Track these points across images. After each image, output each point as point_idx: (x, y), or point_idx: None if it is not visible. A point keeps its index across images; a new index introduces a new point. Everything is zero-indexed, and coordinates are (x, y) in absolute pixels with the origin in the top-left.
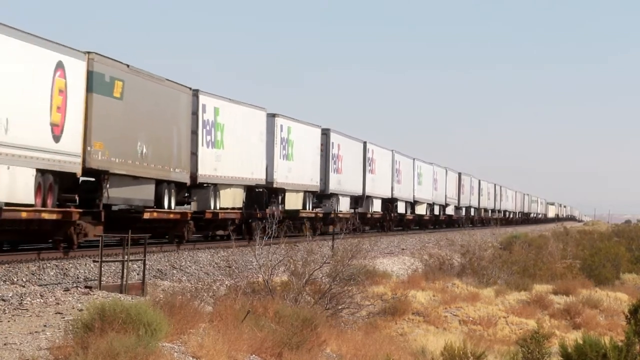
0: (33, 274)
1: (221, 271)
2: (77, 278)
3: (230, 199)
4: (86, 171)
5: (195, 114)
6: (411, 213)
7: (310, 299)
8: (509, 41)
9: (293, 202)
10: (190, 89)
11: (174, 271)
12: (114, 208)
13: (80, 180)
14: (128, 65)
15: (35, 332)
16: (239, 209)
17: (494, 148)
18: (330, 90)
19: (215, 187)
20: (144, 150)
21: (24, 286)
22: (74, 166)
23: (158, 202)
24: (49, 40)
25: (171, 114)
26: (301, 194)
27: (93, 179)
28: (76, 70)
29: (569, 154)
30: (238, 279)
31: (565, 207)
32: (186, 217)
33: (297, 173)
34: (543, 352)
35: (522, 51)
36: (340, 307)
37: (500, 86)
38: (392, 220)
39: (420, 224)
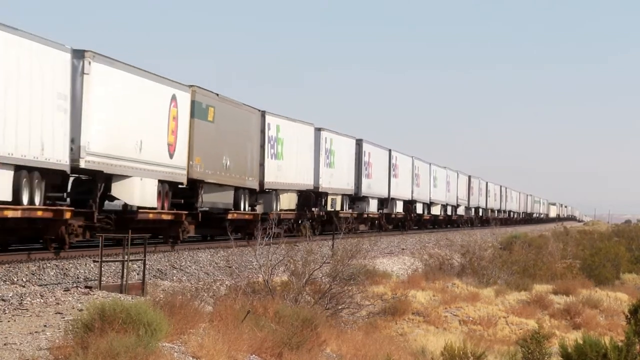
0: (33, 274)
1: (221, 271)
2: (77, 278)
3: (287, 202)
4: (188, 181)
5: (262, 131)
6: (428, 213)
7: (310, 299)
8: (509, 41)
9: (333, 204)
10: (259, 110)
11: (174, 271)
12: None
13: (181, 188)
14: (217, 95)
15: (35, 332)
16: (293, 210)
17: (494, 148)
18: (330, 91)
19: (277, 192)
20: (228, 163)
21: (24, 286)
22: (181, 177)
23: (236, 205)
24: (167, 78)
25: (246, 132)
26: (339, 197)
27: (188, 187)
28: (184, 101)
29: (569, 154)
30: (238, 279)
31: (566, 207)
32: (257, 218)
33: (337, 179)
34: (543, 352)
35: (522, 51)
36: (340, 307)
37: (500, 86)
38: (412, 220)
39: (435, 223)
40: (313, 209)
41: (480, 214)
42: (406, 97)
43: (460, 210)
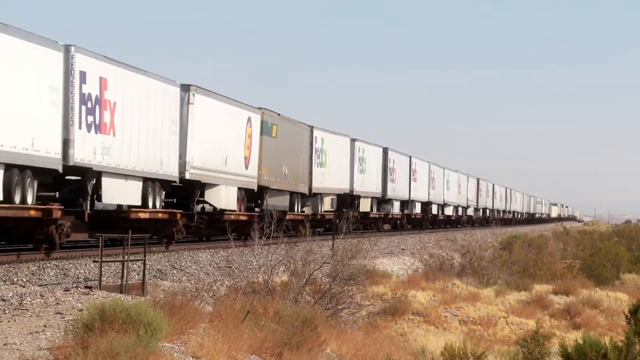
0: (33, 274)
1: (221, 271)
2: (77, 278)
3: (329, 204)
4: (258, 187)
5: (311, 144)
6: (442, 214)
7: (310, 299)
8: (509, 41)
9: (365, 205)
10: (308, 126)
11: (174, 271)
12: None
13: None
14: (279, 114)
15: (35, 332)
16: (333, 211)
17: (494, 148)
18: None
19: (321, 196)
20: (286, 172)
21: (24, 286)
22: (253, 184)
23: (291, 207)
24: (245, 103)
25: (299, 145)
26: (369, 200)
27: (257, 192)
28: (256, 121)
29: (569, 154)
30: (238, 279)
31: (567, 207)
32: (308, 218)
33: (368, 183)
34: (543, 352)
35: (522, 51)
36: (340, 307)
37: (500, 86)
38: (428, 220)
39: (448, 223)
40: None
41: (488, 214)
42: (406, 97)
43: (470, 211)
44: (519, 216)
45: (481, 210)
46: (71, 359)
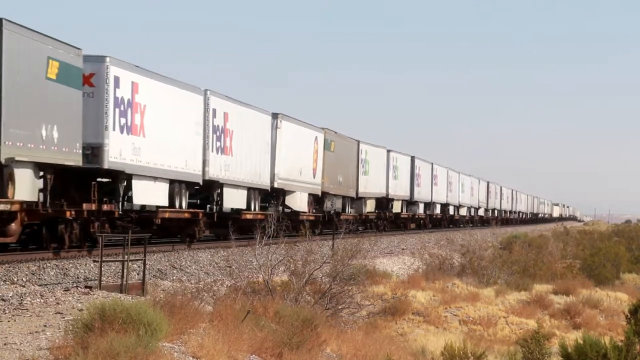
0: (33, 274)
1: (221, 271)
2: (77, 278)
3: (370, 206)
4: (321, 193)
5: (357, 155)
6: (457, 214)
7: (310, 298)
8: (509, 41)
9: (397, 207)
10: (356, 140)
11: (174, 271)
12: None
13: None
14: (335, 132)
15: (36, 332)
16: (374, 212)
17: (493, 148)
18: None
19: (364, 199)
20: (340, 179)
21: (24, 286)
22: (318, 190)
23: (343, 209)
24: (313, 125)
25: (349, 157)
26: (400, 202)
27: (320, 197)
28: (320, 139)
29: (569, 154)
30: (238, 279)
31: (568, 207)
32: (356, 218)
33: (399, 188)
34: (543, 352)
35: (522, 51)
36: (340, 307)
37: (500, 86)
38: (446, 219)
39: (463, 222)
40: (386, 212)
41: (496, 214)
42: (405, 97)
43: (481, 212)
44: (524, 216)
45: (490, 211)
46: (71, 359)
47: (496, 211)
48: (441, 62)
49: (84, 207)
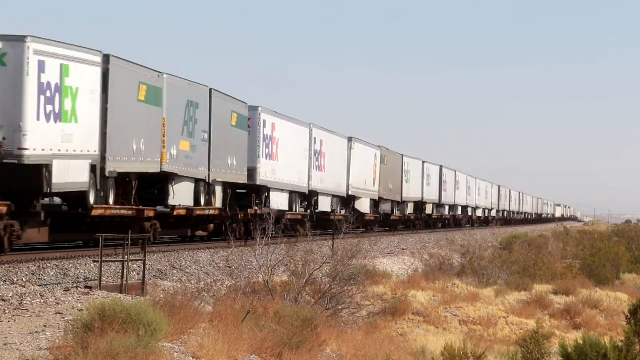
0: (33, 274)
1: (221, 271)
2: (77, 278)
3: (410, 209)
4: (378, 199)
5: (402, 167)
6: (474, 215)
7: (310, 299)
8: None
9: (429, 209)
10: (401, 154)
11: (174, 271)
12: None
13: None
14: (388, 149)
15: (36, 332)
16: (412, 214)
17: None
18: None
19: (407, 203)
20: (391, 187)
21: (24, 286)
22: (376, 196)
23: (392, 211)
24: (374, 144)
25: (397, 168)
26: (431, 205)
27: (377, 201)
28: (377, 155)
29: (569, 154)
30: (238, 279)
31: (569, 207)
32: (402, 218)
33: (431, 193)
34: (543, 352)
35: (522, 51)
36: (340, 307)
37: (501, 86)
38: (466, 219)
39: (480, 222)
40: (421, 213)
41: (506, 215)
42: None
43: (493, 213)
44: (529, 216)
45: (501, 212)
46: (71, 359)
47: (505, 212)
48: (441, 62)
49: (249, 211)
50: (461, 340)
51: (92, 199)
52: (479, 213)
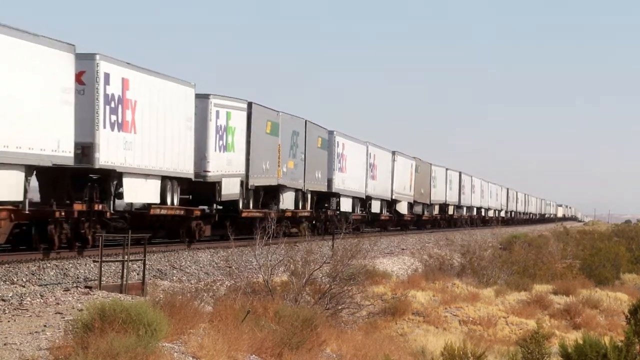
0: (33, 274)
1: (221, 271)
2: (77, 278)
3: (436, 210)
4: (413, 201)
5: (430, 174)
6: (487, 215)
7: (310, 299)
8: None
9: (451, 210)
10: (429, 163)
11: (174, 271)
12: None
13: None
14: (420, 159)
15: (35, 332)
16: (438, 214)
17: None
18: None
19: (434, 205)
20: (422, 192)
21: (24, 286)
22: (411, 200)
23: (423, 212)
24: (410, 155)
25: (426, 175)
26: (452, 206)
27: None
28: (413, 165)
29: (569, 154)
30: (238, 279)
31: (570, 208)
32: (430, 218)
33: (452, 196)
34: (543, 352)
35: (521, 51)
36: (340, 307)
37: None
38: (480, 219)
39: (491, 222)
40: (444, 214)
41: (513, 215)
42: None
43: (502, 213)
44: (533, 216)
45: (509, 213)
46: (71, 359)
47: (513, 212)
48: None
49: (328, 212)
50: (461, 340)
51: (240, 205)
52: (491, 214)
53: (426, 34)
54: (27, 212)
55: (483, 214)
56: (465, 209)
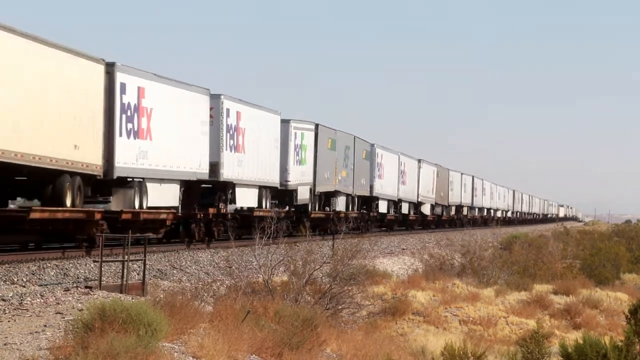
0: (33, 274)
1: (221, 271)
2: (77, 278)
3: (453, 211)
4: (435, 203)
5: (448, 178)
6: (496, 215)
7: (310, 299)
8: (510, 41)
9: (465, 211)
10: (447, 169)
11: (174, 271)
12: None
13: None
14: (440, 165)
15: (36, 332)
16: (455, 214)
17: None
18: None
19: (451, 206)
20: (442, 194)
21: (24, 286)
22: (433, 202)
23: (442, 213)
24: (433, 162)
25: (446, 180)
26: (466, 207)
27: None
28: (435, 171)
29: (569, 153)
30: (238, 279)
31: (571, 208)
32: (448, 218)
33: (466, 197)
34: (543, 352)
35: (522, 51)
36: (340, 307)
37: (501, 86)
38: (491, 219)
39: (501, 221)
40: (459, 214)
41: (518, 215)
42: (405, 97)
43: (509, 214)
44: (537, 216)
45: (515, 213)
46: (71, 359)
47: (518, 213)
48: (440, 63)
49: (371, 213)
50: (461, 340)
51: (310, 207)
52: (499, 214)
53: (426, 34)
54: (180, 214)
55: (492, 214)
56: (477, 209)
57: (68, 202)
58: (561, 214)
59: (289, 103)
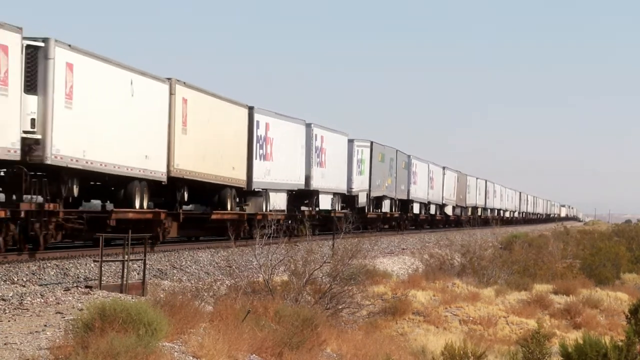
0: (33, 274)
1: (221, 271)
2: (77, 278)
3: (470, 212)
4: (455, 205)
5: (466, 182)
6: (504, 216)
7: (310, 298)
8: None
9: (479, 212)
10: (465, 174)
11: (174, 271)
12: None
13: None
14: (460, 172)
15: (36, 331)
16: (471, 215)
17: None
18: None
19: (468, 208)
20: (461, 197)
21: (24, 286)
22: (454, 203)
23: (461, 213)
24: (453, 168)
25: (464, 184)
26: (480, 208)
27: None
28: (455, 176)
29: (569, 153)
30: (238, 278)
31: (572, 208)
32: (466, 219)
33: (481, 199)
34: (543, 352)
35: (522, 51)
36: (340, 307)
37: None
38: (501, 219)
39: (509, 221)
40: (475, 215)
41: (524, 215)
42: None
43: (516, 214)
44: (540, 216)
45: (521, 213)
46: (71, 358)
47: (524, 213)
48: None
49: (408, 214)
50: (461, 339)
51: (366, 209)
52: (507, 214)
53: (426, 34)
54: (285, 215)
55: (502, 214)
56: (489, 210)
57: (229, 206)
58: (563, 214)
59: (289, 103)
